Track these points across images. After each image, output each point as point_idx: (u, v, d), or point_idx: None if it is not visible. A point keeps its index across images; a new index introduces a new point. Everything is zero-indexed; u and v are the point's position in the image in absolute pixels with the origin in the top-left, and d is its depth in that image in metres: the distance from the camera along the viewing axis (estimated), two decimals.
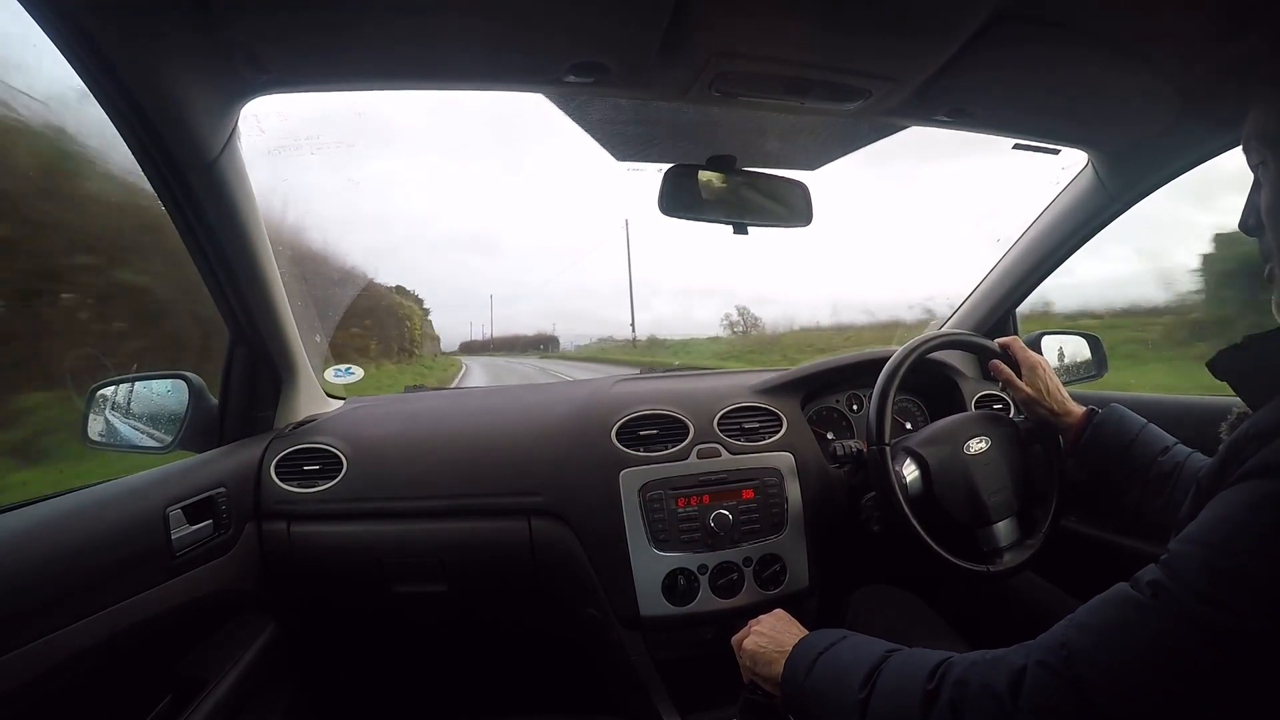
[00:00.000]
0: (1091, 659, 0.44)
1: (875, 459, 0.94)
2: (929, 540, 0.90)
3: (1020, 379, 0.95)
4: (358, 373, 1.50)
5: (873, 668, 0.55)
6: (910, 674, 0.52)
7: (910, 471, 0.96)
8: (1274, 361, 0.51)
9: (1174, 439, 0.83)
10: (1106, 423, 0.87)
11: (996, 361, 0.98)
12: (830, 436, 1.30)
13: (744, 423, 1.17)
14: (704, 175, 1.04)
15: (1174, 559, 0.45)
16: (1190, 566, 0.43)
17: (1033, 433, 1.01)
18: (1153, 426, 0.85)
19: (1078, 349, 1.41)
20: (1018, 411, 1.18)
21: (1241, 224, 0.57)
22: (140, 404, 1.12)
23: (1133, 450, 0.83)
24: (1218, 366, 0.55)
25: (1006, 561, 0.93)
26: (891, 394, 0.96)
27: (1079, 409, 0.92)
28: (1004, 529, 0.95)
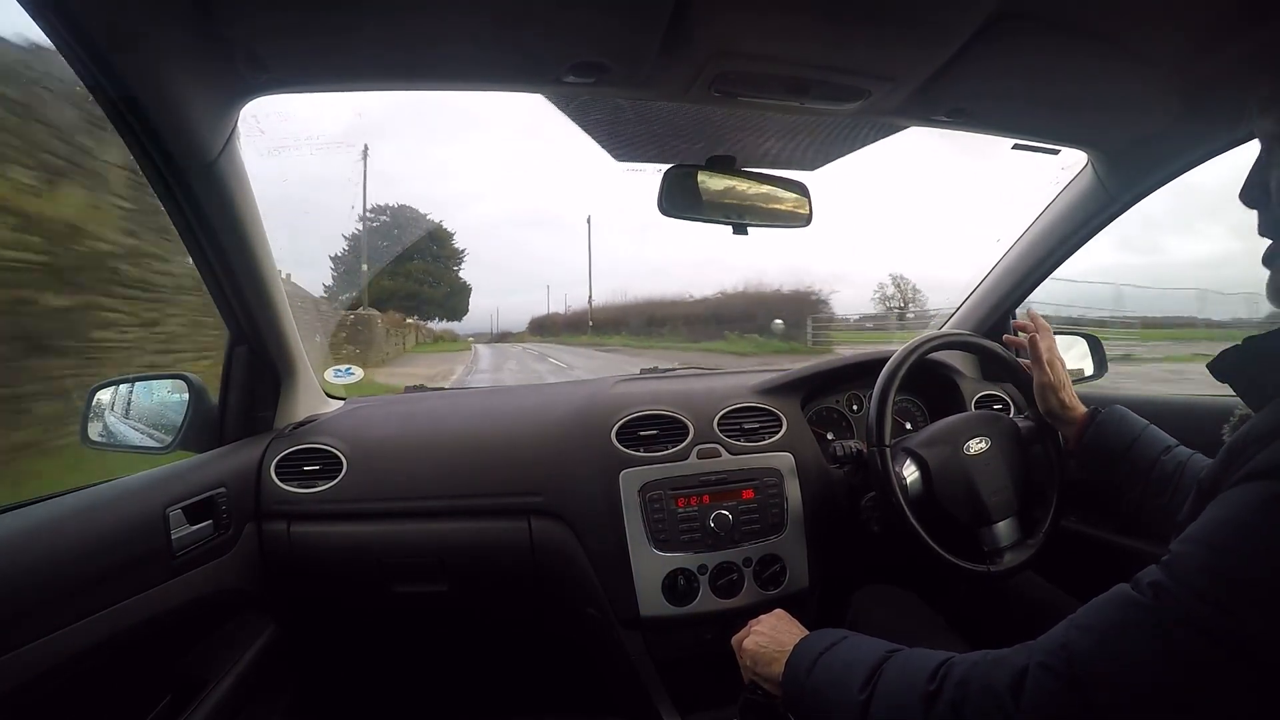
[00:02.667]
0: (1092, 660, 0.44)
1: (875, 460, 0.94)
2: (929, 540, 0.90)
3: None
4: (358, 373, 1.50)
5: (874, 668, 0.55)
6: (911, 674, 0.52)
7: (910, 472, 0.96)
8: (1275, 363, 0.50)
9: (1175, 440, 0.83)
10: (1108, 422, 0.87)
11: (1035, 339, 0.95)
12: (830, 437, 1.30)
13: (744, 423, 1.17)
14: (704, 175, 1.04)
15: (1175, 560, 0.45)
16: (1191, 568, 0.43)
17: (1033, 432, 1.01)
18: (1154, 428, 0.85)
19: (1077, 349, 1.41)
20: (1018, 411, 1.18)
21: (1242, 195, 0.56)
22: (140, 404, 1.12)
23: (1134, 450, 0.83)
24: (1219, 368, 0.55)
25: (1007, 561, 0.93)
26: (891, 394, 0.96)
27: (1082, 407, 0.92)
28: (1004, 529, 0.95)
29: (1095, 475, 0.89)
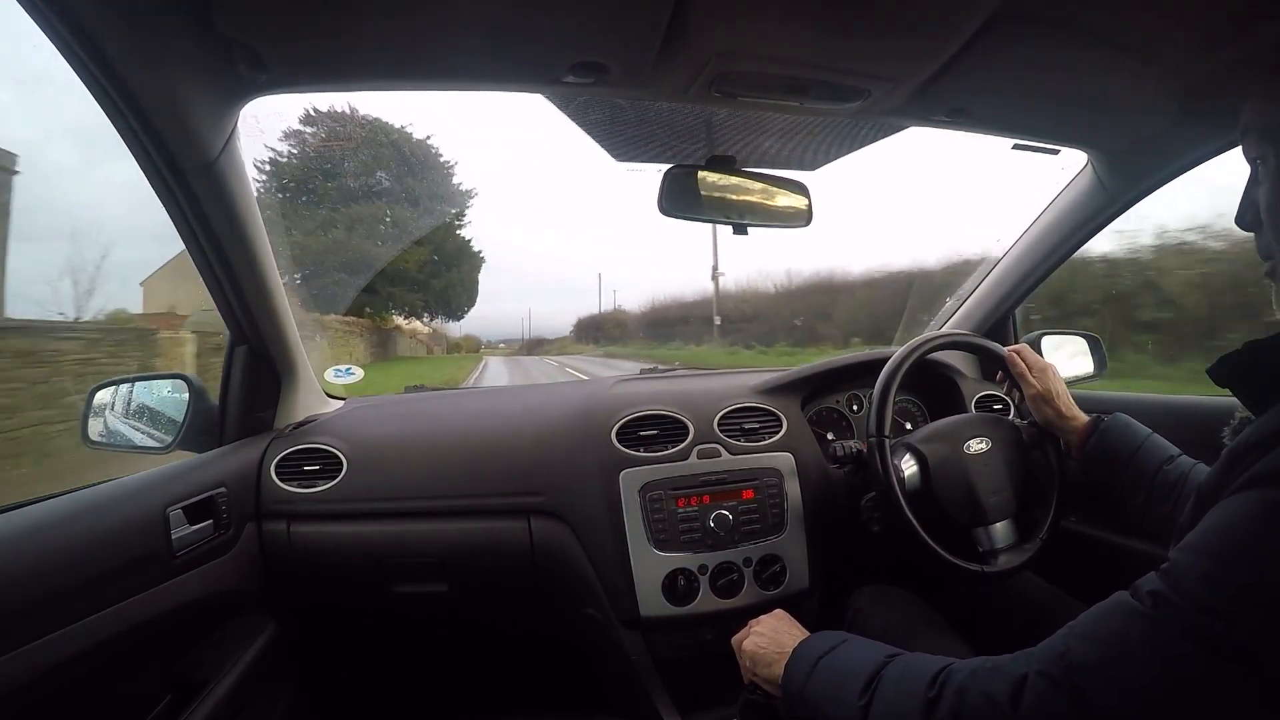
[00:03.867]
0: (1092, 670, 0.44)
1: (874, 449, 0.94)
2: (923, 534, 0.90)
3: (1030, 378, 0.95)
4: (358, 373, 1.50)
5: (873, 673, 0.55)
6: (911, 681, 0.52)
7: (909, 466, 0.97)
8: (1275, 367, 0.50)
9: (1178, 450, 0.83)
10: (1112, 430, 0.86)
11: (1012, 355, 0.98)
12: (830, 437, 1.30)
13: (744, 423, 1.17)
14: (704, 175, 1.04)
15: (1174, 568, 0.44)
16: (1191, 576, 0.43)
17: (1034, 437, 1.01)
18: (1157, 436, 0.85)
19: (1078, 349, 1.41)
20: (1018, 414, 1.18)
21: (1238, 219, 0.56)
22: (140, 404, 1.12)
23: (1138, 458, 0.83)
24: (1219, 373, 0.54)
25: (1001, 564, 0.93)
26: (894, 388, 0.97)
27: (1083, 415, 0.92)
28: (1001, 531, 0.95)
29: (1098, 482, 0.89)
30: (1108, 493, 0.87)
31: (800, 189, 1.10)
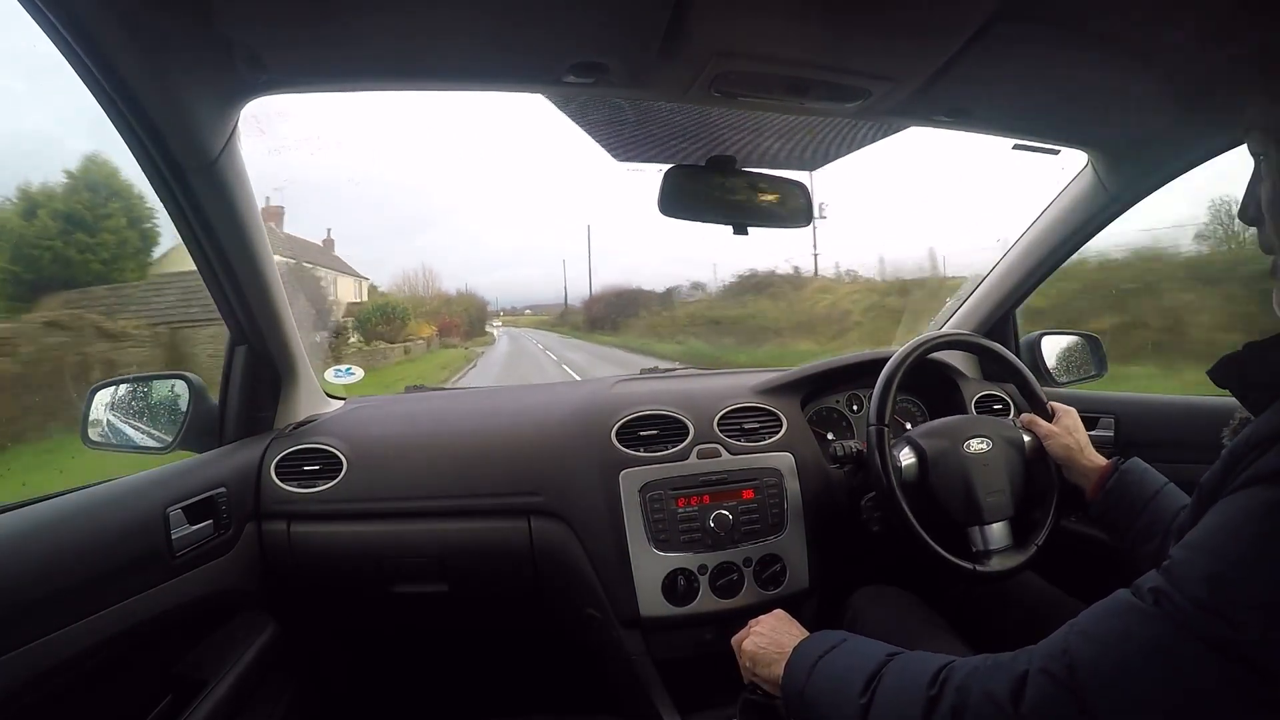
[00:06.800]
0: (1093, 667, 0.43)
1: (873, 439, 0.94)
2: (917, 526, 0.90)
3: (1050, 419, 0.97)
4: (358, 373, 1.51)
5: (874, 672, 0.55)
6: (911, 679, 0.52)
7: (907, 458, 0.97)
8: (1274, 368, 0.50)
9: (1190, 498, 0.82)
10: (1130, 474, 0.85)
11: (1026, 414, 1.01)
12: (830, 437, 1.30)
13: (744, 423, 1.17)
14: (704, 176, 1.04)
15: (1175, 566, 0.44)
16: (1191, 574, 0.43)
17: (1036, 447, 1.01)
18: (1173, 485, 0.84)
19: (1078, 349, 1.42)
20: (1019, 413, 1.18)
21: (1241, 213, 0.56)
22: (140, 404, 1.12)
23: (1154, 505, 0.81)
24: (1218, 374, 0.55)
25: (994, 565, 0.92)
26: (896, 381, 0.97)
27: (1101, 459, 0.90)
28: (997, 532, 0.95)
29: (1112, 525, 0.87)
30: (1121, 536, 0.85)
31: (800, 189, 1.10)
